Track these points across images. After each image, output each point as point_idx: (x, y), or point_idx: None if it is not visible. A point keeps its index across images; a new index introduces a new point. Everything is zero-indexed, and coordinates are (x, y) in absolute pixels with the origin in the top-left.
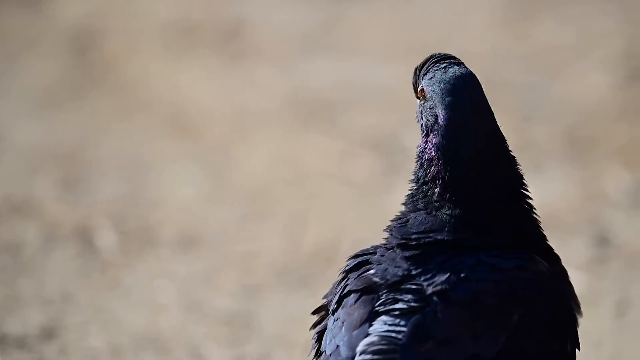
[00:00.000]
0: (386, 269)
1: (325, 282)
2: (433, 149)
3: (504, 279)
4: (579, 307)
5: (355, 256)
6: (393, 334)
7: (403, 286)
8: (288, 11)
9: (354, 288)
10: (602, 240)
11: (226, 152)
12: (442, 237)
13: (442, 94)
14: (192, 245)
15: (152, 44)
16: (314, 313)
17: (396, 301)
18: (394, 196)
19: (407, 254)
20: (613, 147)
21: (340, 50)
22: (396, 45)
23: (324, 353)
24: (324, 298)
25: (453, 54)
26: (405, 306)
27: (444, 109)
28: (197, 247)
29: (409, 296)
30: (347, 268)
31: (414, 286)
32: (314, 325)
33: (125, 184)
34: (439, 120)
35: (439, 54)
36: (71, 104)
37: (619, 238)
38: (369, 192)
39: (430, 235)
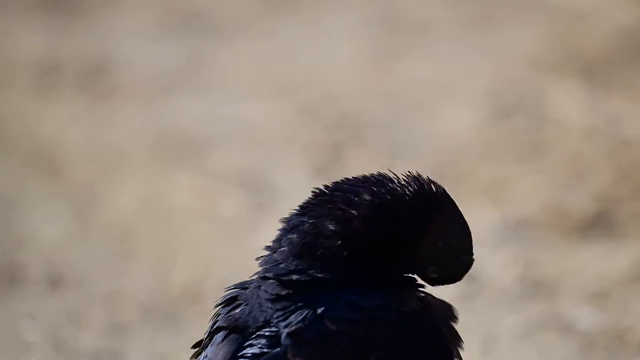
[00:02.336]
0: (252, 310)
1: (192, 320)
2: None
3: (362, 318)
4: (457, 337)
5: (229, 289)
6: None
7: (262, 330)
8: (153, 49)
9: (222, 324)
10: (468, 277)
11: (93, 191)
12: (309, 275)
13: None
14: (58, 284)
15: (16, 83)
16: (194, 347)
17: (252, 346)
18: (261, 234)
19: (272, 294)
20: (478, 185)
21: (206, 88)
22: (263, 82)
23: None
24: (205, 333)
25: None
26: (257, 351)
27: None
28: (64, 286)
29: (264, 341)
30: (220, 302)
31: (272, 329)
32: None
33: None
34: None
35: None
36: None
37: (484, 274)
38: (236, 230)
39: (298, 273)
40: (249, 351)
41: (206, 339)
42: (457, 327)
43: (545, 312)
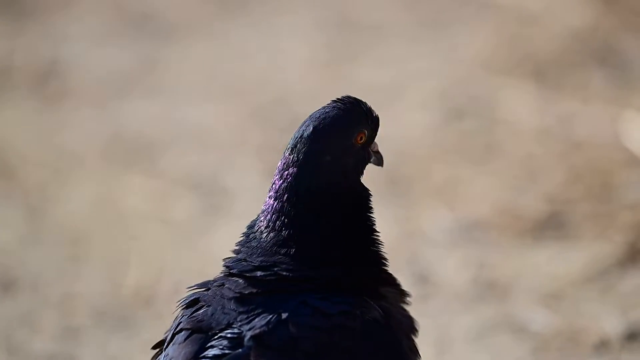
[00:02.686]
0: (214, 311)
1: (145, 323)
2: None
3: (325, 326)
4: (415, 353)
5: (191, 288)
6: None
7: (224, 331)
8: (104, 53)
9: (186, 326)
10: (422, 278)
11: (44, 194)
12: (276, 275)
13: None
14: (10, 288)
15: None
16: (154, 347)
17: (214, 347)
18: (213, 236)
19: (235, 294)
20: (431, 187)
21: (158, 91)
22: (215, 85)
23: None
24: (165, 333)
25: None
26: (219, 352)
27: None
28: (16, 289)
29: (225, 342)
30: (183, 303)
31: (234, 330)
32: (153, 358)
33: None
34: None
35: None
36: None
37: (437, 276)
38: (188, 232)
39: (264, 272)
40: (210, 352)
41: (168, 339)
42: (417, 340)
43: (498, 313)
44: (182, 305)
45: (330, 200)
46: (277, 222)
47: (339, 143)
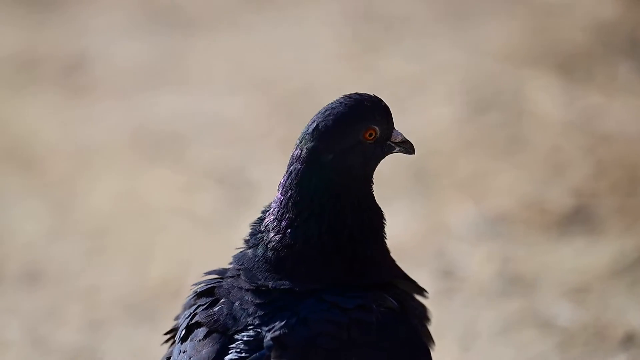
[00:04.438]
0: (231, 308)
1: (170, 315)
2: None
3: (343, 321)
4: (431, 339)
5: (208, 274)
6: None
7: (242, 333)
8: (129, 45)
9: (203, 321)
10: (447, 273)
11: (70, 186)
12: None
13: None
14: (36, 281)
15: None
16: (166, 334)
17: (233, 349)
18: (238, 229)
19: (252, 287)
20: (456, 180)
21: (184, 84)
22: (240, 77)
23: None
24: (175, 319)
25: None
26: (236, 357)
27: None
28: (42, 282)
29: (243, 346)
30: (197, 289)
31: (251, 333)
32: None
33: None
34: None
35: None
36: None
37: (463, 270)
38: (214, 225)
39: (275, 277)
40: (230, 356)
41: (181, 329)
42: (431, 327)
43: (523, 308)
44: (196, 293)
45: (333, 199)
46: (282, 222)
47: (341, 141)
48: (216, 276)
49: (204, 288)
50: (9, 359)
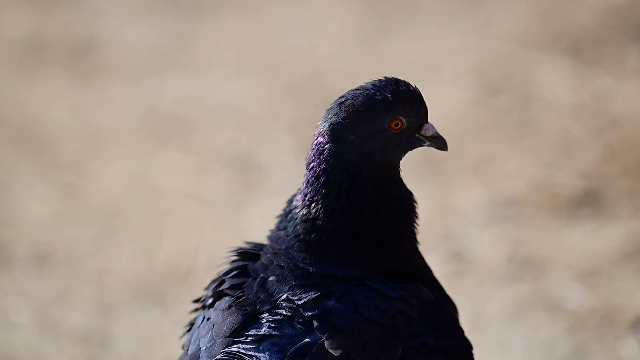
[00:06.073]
0: (265, 285)
1: (179, 298)
2: None
3: (389, 310)
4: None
5: (243, 247)
6: (252, 352)
7: (275, 310)
8: (139, 28)
9: (230, 292)
10: (457, 256)
11: (80, 169)
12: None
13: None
14: (46, 263)
15: (2, 61)
16: (195, 302)
17: (263, 324)
18: (247, 212)
19: (294, 280)
20: (466, 164)
21: (193, 67)
22: (249, 61)
23: (186, 349)
24: (205, 289)
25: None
26: (266, 332)
27: None
28: (51, 265)
29: (273, 321)
30: (231, 261)
31: (285, 312)
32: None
33: None
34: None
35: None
36: None
37: (473, 253)
38: (223, 208)
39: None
40: (261, 330)
41: (209, 297)
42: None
43: (533, 291)
44: (228, 268)
45: (351, 178)
46: (307, 197)
47: (363, 125)
48: (251, 250)
49: (238, 261)
50: (19, 341)
